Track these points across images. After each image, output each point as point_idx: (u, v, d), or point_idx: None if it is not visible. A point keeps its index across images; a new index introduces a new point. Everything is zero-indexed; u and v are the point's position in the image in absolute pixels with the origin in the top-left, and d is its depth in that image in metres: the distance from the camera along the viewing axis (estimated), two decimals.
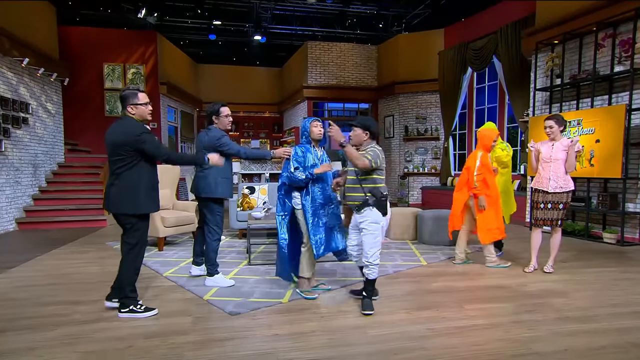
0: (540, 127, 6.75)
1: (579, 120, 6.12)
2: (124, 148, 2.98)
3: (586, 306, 3.31)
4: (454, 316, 3.10)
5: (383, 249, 5.44)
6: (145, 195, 3.07)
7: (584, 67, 6.45)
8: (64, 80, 9.26)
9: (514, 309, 3.24)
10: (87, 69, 10.18)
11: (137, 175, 3.04)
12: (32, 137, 8.10)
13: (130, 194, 3.02)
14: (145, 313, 3.10)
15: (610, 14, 5.83)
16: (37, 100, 8.32)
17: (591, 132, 5.96)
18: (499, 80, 8.88)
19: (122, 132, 3.01)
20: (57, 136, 9.10)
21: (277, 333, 2.79)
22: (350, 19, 11.25)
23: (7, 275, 4.32)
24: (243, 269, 4.50)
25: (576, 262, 4.77)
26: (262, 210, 5.58)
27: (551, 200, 4.24)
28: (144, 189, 3.06)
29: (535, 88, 7.14)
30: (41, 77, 8.42)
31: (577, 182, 6.56)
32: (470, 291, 3.73)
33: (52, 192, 8.34)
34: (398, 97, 11.23)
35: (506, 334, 2.76)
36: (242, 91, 14.39)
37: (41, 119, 8.45)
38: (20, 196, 7.69)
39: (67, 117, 9.60)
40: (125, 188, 3.02)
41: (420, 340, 2.68)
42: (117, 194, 3.03)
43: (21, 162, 7.73)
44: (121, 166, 3.01)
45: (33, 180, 8.13)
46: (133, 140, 2.97)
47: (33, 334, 2.83)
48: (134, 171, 3.02)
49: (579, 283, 3.95)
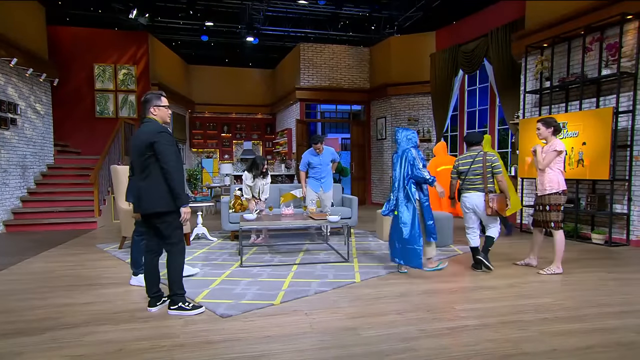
0: (530, 129, 6.85)
1: (564, 123, 6.21)
2: (151, 147, 3.04)
3: (575, 306, 3.35)
4: (445, 317, 3.12)
5: (375, 250, 5.47)
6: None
7: (572, 70, 6.55)
8: (53, 80, 9.17)
9: (504, 309, 3.28)
10: (77, 70, 10.09)
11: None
12: (21, 139, 8.00)
13: (162, 192, 3.06)
14: (192, 311, 3.18)
15: (598, 18, 5.93)
16: (25, 101, 8.22)
17: (575, 135, 6.07)
18: (489, 82, 8.96)
19: (147, 131, 3.09)
20: (47, 137, 9.00)
21: (269, 335, 2.79)
22: (343, 21, 11.30)
23: None
24: (235, 270, 4.48)
25: (565, 263, 4.82)
26: (254, 212, 5.57)
27: (540, 203, 4.31)
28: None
29: (525, 91, 7.23)
30: (30, 78, 8.33)
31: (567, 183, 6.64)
32: (462, 292, 3.76)
33: (41, 194, 8.24)
34: (390, 99, 11.29)
35: (496, 334, 2.79)
36: (234, 92, 14.36)
37: (30, 120, 8.35)
38: (8, 198, 7.59)
39: (57, 118, 9.51)
40: (156, 186, 3.06)
41: (411, 341, 2.69)
42: (149, 193, 3.08)
43: (9, 163, 7.63)
44: (150, 164, 3.07)
45: (21, 182, 8.03)
46: (153, 136, 3.04)
47: (21, 337, 2.79)
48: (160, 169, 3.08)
49: (568, 283, 4.00)
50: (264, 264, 4.80)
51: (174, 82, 12.38)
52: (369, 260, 4.92)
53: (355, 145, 12.36)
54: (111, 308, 3.35)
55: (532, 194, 7.18)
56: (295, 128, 11.88)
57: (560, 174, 4.21)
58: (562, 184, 4.20)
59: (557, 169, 4.19)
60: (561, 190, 4.20)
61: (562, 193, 4.21)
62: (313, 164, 6.05)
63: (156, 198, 3.07)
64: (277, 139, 14.21)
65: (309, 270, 4.47)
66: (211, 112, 14.47)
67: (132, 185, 3.33)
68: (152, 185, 3.07)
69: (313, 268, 4.57)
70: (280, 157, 13.76)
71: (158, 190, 3.06)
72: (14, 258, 5.16)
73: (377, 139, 11.88)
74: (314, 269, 4.54)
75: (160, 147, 3.03)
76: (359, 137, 12.38)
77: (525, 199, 7.28)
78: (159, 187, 3.06)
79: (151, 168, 3.06)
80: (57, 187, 8.48)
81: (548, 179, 4.19)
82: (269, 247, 5.76)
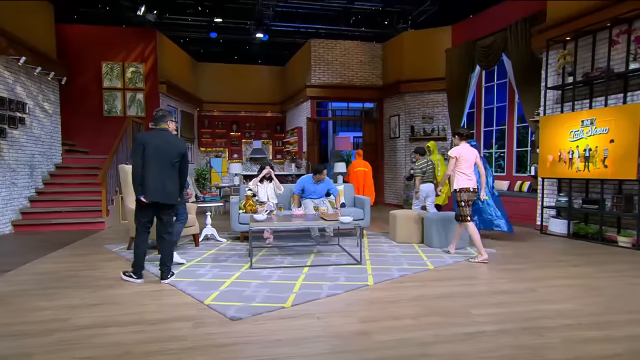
0: (551, 126, 6.75)
1: (592, 119, 6.09)
2: (180, 155, 4.19)
3: (600, 312, 3.28)
4: (462, 322, 3.08)
5: (388, 253, 5.44)
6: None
7: (597, 64, 6.42)
8: (61, 79, 9.34)
9: (524, 314, 3.22)
10: (85, 68, 10.25)
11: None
12: (29, 138, 8.16)
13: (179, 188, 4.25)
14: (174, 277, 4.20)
15: (625, 9, 5.80)
16: (34, 100, 8.39)
17: (605, 132, 5.93)
18: (508, 78, 8.85)
19: (177, 143, 4.23)
20: (55, 136, 9.17)
21: (280, 339, 2.79)
22: (355, 16, 11.26)
23: (3, 279, 4.35)
24: (244, 272, 4.50)
25: (589, 267, 4.74)
26: (264, 212, 5.59)
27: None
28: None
29: (546, 86, 7.12)
30: (38, 76, 8.49)
31: (590, 184, 6.53)
32: (478, 296, 3.71)
33: (49, 194, 8.40)
34: (404, 96, 11.23)
35: (516, 341, 2.74)
36: (243, 90, 14.44)
37: (38, 119, 8.52)
38: (16, 198, 7.74)
39: (65, 117, 9.67)
40: (177, 184, 4.19)
41: (426, 347, 2.67)
42: (175, 188, 4.15)
43: (17, 163, 7.79)
44: (175, 166, 4.15)
45: (29, 182, 8.19)
46: (184, 148, 4.25)
47: (29, 339, 2.84)
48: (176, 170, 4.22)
49: (592, 288, 3.92)
50: (274, 265, 4.81)
51: (182, 80, 12.50)
52: (382, 263, 4.90)
53: (367, 144, 12.32)
54: (119, 310, 3.39)
55: (554, 195, 7.06)
56: (305, 126, 11.89)
57: (459, 175, 5.01)
58: (458, 184, 4.99)
59: (457, 171, 5.04)
60: (459, 189, 4.99)
61: (460, 191, 4.99)
62: (307, 190, 6.30)
63: (177, 193, 4.24)
64: (287, 138, 14.25)
65: (320, 273, 4.46)
66: (220, 110, 14.58)
67: (155, 178, 4.04)
68: (175, 183, 4.16)
69: (324, 270, 4.56)
70: (290, 156, 13.79)
71: (178, 188, 4.20)
72: (22, 258, 5.26)
73: (390, 138, 11.82)
74: (326, 271, 4.53)
75: (186, 158, 4.25)
76: (372, 136, 12.34)
77: (546, 200, 7.16)
78: (176, 184, 4.19)
79: (173, 169, 4.13)
80: (65, 187, 8.63)
81: (455, 180, 5.05)
82: (279, 249, 5.77)
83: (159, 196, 4.03)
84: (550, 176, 6.87)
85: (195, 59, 13.83)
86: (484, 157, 9.98)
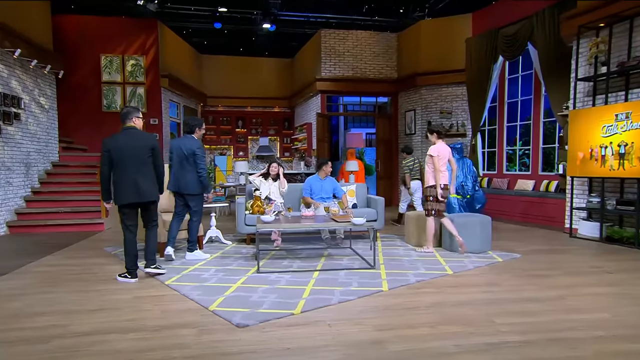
0: (581, 121, 6.65)
1: (627, 113, 5.98)
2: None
3: (636, 324, 3.23)
4: (484, 331, 3.06)
5: (403, 257, 5.42)
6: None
7: (634, 53, 6.30)
8: (58, 72, 9.46)
9: (551, 324, 3.19)
10: (83, 61, 10.39)
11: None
12: (25, 134, 8.30)
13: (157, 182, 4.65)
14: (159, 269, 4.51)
15: None
16: (29, 95, 8.52)
17: None
18: (534, 69, 8.74)
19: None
20: (51, 133, 9.30)
21: (289, 347, 2.80)
22: (368, 4, 11.21)
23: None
24: (251, 277, 4.52)
25: (624, 274, 4.67)
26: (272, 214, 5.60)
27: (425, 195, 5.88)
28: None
29: (577, 78, 7.02)
30: (34, 70, 8.62)
31: (626, 183, 6.42)
32: (502, 303, 3.67)
33: (46, 194, 8.53)
34: (420, 89, 11.17)
35: (543, 352, 2.71)
36: (249, 84, 14.50)
37: (34, 115, 8.65)
38: (11, 198, 7.88)
39: (62, 112, 9.80)
40: (154, 180, 4.51)
41: (445, 357, 2.65)
42: (153, 185, 4.48)
43: (13, 161, 7.91)
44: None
45: (25, 181, 8.33)
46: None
47: (27, 345, 2.89)
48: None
49: (627, 297, 3.86)
50: (282, 269, 4.82)
51: (185, 73, 12.60)
52: (397, 267, 4.88)
53: (381, 141, 12.29)
54: (120, 315, 3.43)
55: (584, 195, 6.96)
56: (315, 122, 11.90)
57: (432, 173, 5.61)
58: (430, 181, 5.61)
59: (431, 169, 5.62)
60: (443, 185, 5.54)
61: (435, 187, 5.56)
62: (315, 189, 6.45)
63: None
64: (295, 135, 14.28)
65: (331, 277, 4.47)
66: (225, 105, 14.66)
67: (129, 179, 4.35)
68: (151, 178, 4.47)
69: (336, 275, 4.56)
70: (299, 154, 13.82)
71: (153, 183, 4.53)
72: (18, 261, 5.34)
73: (406, 134, 11.77)
74: (337, 275, 4.54)
75: (157, 151, 4.57)
76: (385, 132, 12.30)
77: (576, 201, 7.06)
78: (153, 180, 4.55)
79: (147, 166, 4.44)
80: (63, 187, 8.76)
81: (427, 177, 5.68)
82: (287, 252, 5.79)
83: (137, 197, 4.33)
84: (581, 175, 6.77)
85: (199, 51, 13.93)
86: (508, 154, 9.91)
